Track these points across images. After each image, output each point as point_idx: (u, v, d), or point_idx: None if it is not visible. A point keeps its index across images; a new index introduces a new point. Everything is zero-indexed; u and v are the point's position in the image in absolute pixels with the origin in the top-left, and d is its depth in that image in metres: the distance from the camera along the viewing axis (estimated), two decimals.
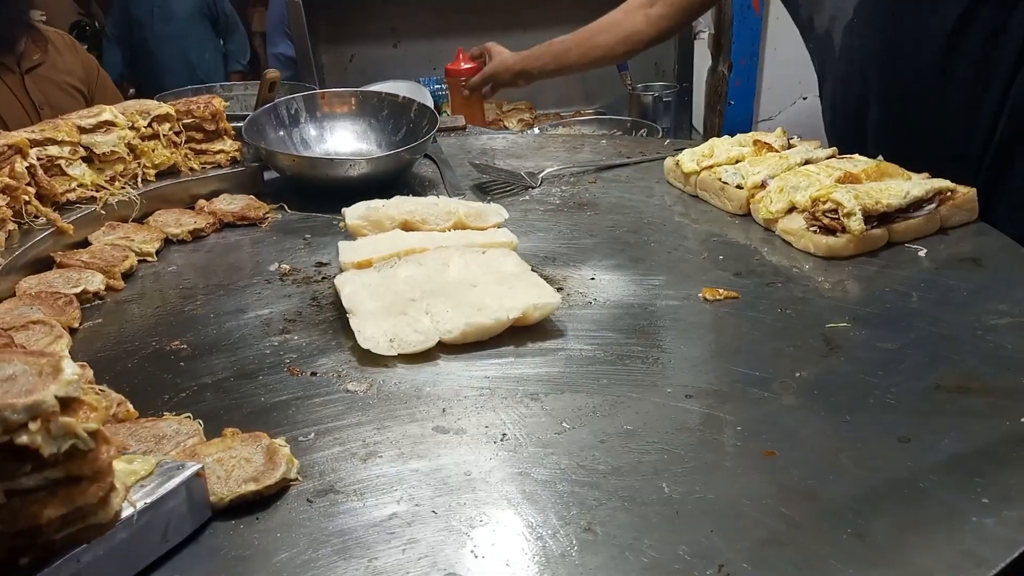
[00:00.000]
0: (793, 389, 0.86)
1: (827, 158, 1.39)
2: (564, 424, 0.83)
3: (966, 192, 1.22)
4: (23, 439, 0.54)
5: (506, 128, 2.68)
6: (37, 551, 0.58)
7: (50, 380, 0.58)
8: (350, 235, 1.28)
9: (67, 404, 0.58)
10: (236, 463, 0.75)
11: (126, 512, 0.63)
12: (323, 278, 1.22)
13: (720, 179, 1.38)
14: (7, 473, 0.55)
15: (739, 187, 1.35)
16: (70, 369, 0.59)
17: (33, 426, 0.55)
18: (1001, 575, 0.61)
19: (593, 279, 1.17)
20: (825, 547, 0.64)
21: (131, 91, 4.34)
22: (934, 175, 1.26)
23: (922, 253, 1.16)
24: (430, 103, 2.56)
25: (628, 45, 1.95)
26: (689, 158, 1.46)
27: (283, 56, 3.66)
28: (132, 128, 1.46)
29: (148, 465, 0.68)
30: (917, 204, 1.18)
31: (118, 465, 0.66)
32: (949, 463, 0.72)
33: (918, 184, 1.21)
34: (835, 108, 1.63)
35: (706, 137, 2.05)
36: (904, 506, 0.68)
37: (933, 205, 1.19)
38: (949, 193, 1.21)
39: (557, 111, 3.02)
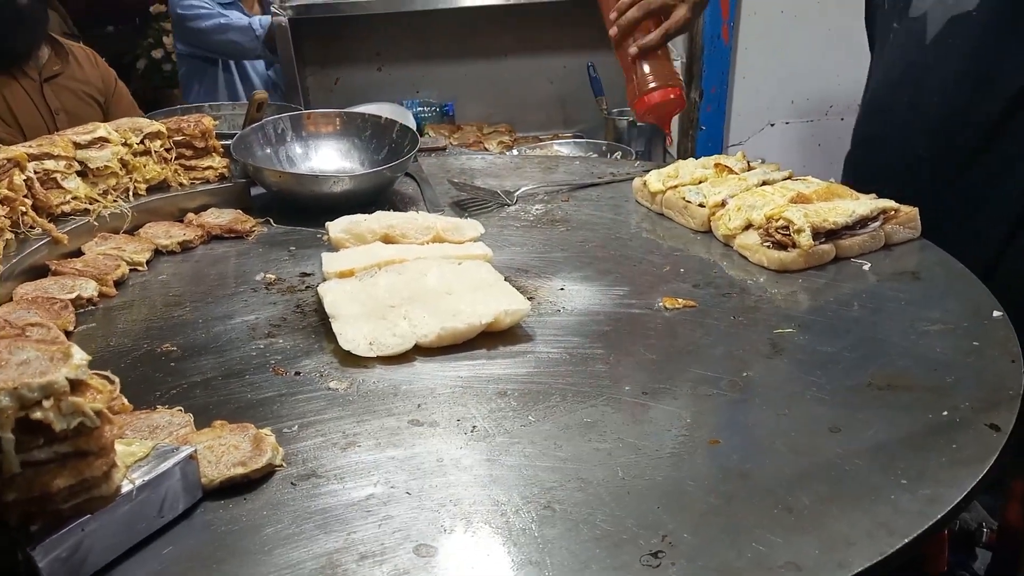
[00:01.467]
0: (739, 387, 0.94)
1: (783, 180, 1.48)
2: (530, 417, 0.90)
3: (909, 211, 1.31)
4: (37, 415, 0.61)
5: (486, 150, 2.77)
6: (47, 518, 0.64)
7: (61, 364, 0.64)
8: (333, 247, 1.35)
9: (76, 386, 0.64)
10: (225, 449, 0.81)
11: (126, 488, 0.70)
12: (307, 287, 1.29)
13: (684, 198, 1.47)
14: (23, 445, 0.61)
15: (701, 205, 1.44)
16: (79, 355, 0.66)
17: (47, 403, 0.62)
18: (913, 544, 0.69)
19: (562, 289, 1.24)
20: (756, 518, 0.71)
21: None
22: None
23: (866, 267, 1.25)
24: (412, 125, 2.65)
25: None
26: (656, 178, 1.55)
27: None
28: (125, 144, 1.52)
29: (145, 448, 0.75)
30: (863, 222, 1.28)
31: (118, 447, 0.72)
32: (873, 449, 0.80)
33: (864, 204, 1.30)
34: (898, 94, 1.52)
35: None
36: (829, 485, 0.76)
37: (877, 223, 1.29)
38: (893, 212, 1.30)
39: (536, 134, 3.12)
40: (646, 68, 1.55)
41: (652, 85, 1.53)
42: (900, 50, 1.53)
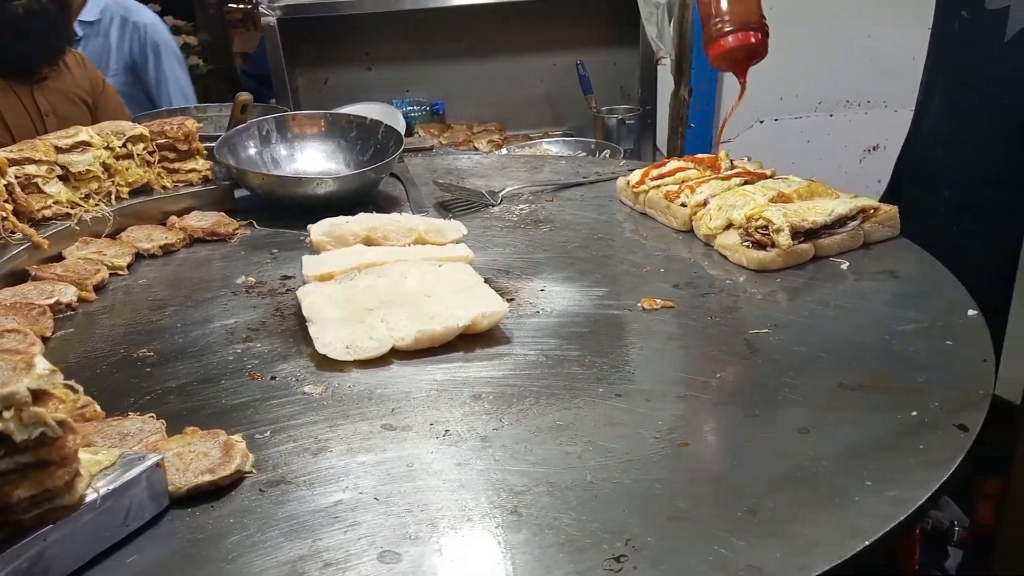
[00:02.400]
0: (712, 388, 0.94)
1: (767, 179, 1.48)
2: (503, 420, 0.90)
3: (888, 210, 1.31)
4: None
5: (476, 149, 2.76)
6: (8, 529, 0.64)
7: (23, 374, 0.64)
8: (315, 250, 1.35)
9: (38, 396, 0.64)
10: (194, 457, 0.81)
11: (90, 497, 0.70)
12: (287, 290, 1.29)
13: (666, 197, 1.47)
14: None
15: (683, 205, 1.43)
16: (41, 365, 0.66)
17: (7, 414, 0.62)
18: (876, 545, 0.69)
19: (543, 290, 1.24)
20: (722, 522, 0.71)
21: None
22: None
23: (845, 266, 1.25)
24: (402, 124, 2.64)
25: None
26: (639, 177, 1.55)
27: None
28: (107, 148, 1.52)
29: (112, 456, 0.75)
30: (841, 221, 1.27)
31: (84, 455, 0.72)
32: (842, 451, 0.80)
33: (843, 203, 1.30)
34: (974, 96, 1.42)
35: (670, 158, 2.13)
36: (797, 487, 0.75)
37: (856, 222, 1.28)
38: (873, 211, 1.30)
39: (526, 133, 3.11)
40: (724, 5, 1.35)
41: (728, 28, 1.34)
42: (972, 45, 1.42)
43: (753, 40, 1.33)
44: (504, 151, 2.61)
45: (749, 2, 1.35)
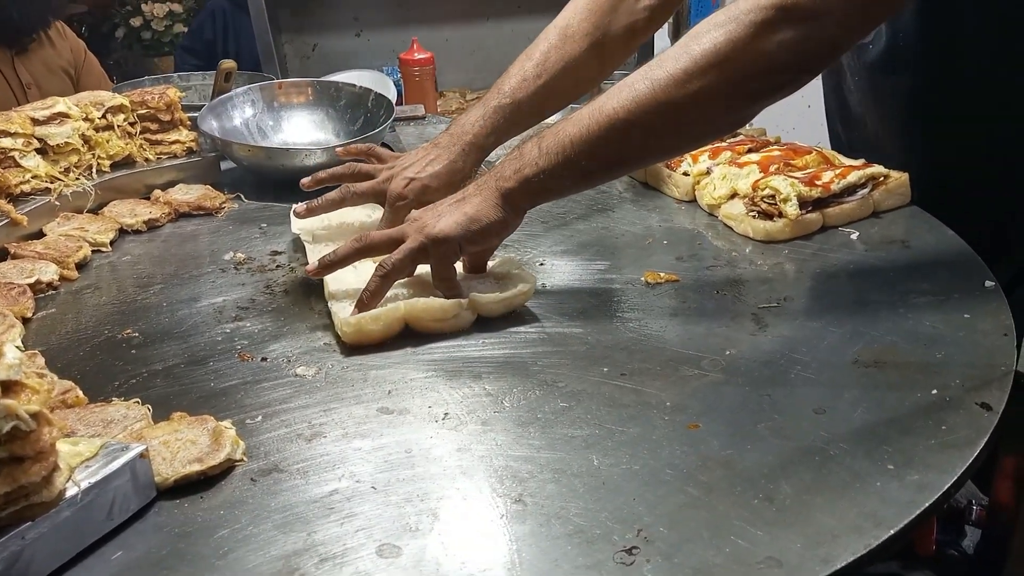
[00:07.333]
0: (721, 366, 0.90)
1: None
2: (504, 403, 0.86)
3: (898, 177, 1.27)
4: None
5: None
6: None
7: None
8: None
9: (9, 387, 0.60)
10: (182, 445, 0.77)
11: (71, 491, 0.66)
12: (277, 266, 1.24)
13: (667, 166, 1.42)
14: None
15: (685, 174, 1.39)
16: (11, 354, 0.61)
17: None
18: (900, 534, 0.65)
19: (542, 264, 1.20)
20: (736, 510, 0.68)
21: None
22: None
23: (854, 236, 1.20)
24: (393, 92, 2.58)
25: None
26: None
27: None
28: (86, 119, 1.46)
29: (93, 447, 0.71)
30: (851, 189, 1.23)
31: (63, 447, 0.68)
32: (859, 432, 0.77)
33: (852, 171, 1.25)
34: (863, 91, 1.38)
35: None
36: (813, 472, 0.72)
37: (866, 190, 1.24)
38: (882, 178, 1.26)
39: None
40: None
41: None
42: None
43: None
44: None
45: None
